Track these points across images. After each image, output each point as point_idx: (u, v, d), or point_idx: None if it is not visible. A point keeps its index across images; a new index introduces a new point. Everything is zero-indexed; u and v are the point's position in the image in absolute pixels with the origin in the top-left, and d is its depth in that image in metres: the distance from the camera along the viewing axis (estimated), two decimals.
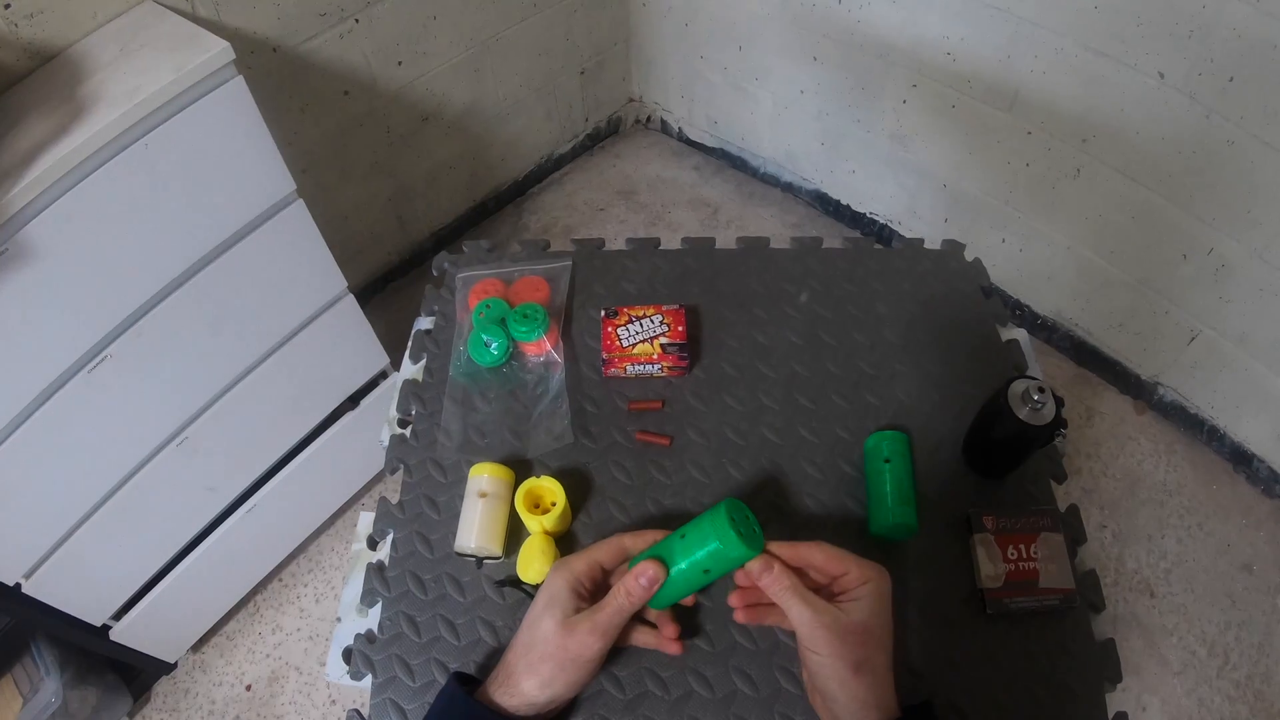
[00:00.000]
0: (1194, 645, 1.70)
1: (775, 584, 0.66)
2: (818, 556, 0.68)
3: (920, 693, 0.74)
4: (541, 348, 0.95)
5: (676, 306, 0.96)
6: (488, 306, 0.97)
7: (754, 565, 0.66)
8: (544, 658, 0.66)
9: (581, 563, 0.70)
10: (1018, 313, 2.19)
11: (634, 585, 0.67)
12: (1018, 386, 0.79)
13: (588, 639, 0.66)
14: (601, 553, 0.71)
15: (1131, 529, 1.86)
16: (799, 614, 0.64)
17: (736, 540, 0.64)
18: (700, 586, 0.69)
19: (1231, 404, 1.88)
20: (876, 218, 2.36)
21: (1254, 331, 1.73)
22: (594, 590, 0.71)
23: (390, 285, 2.33)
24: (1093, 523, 1.86)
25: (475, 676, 0.75)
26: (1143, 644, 1.70)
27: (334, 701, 1.70)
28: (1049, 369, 2.14)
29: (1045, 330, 2.15)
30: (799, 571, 0.68)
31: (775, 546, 0.70)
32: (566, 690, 0.68)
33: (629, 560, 0.72)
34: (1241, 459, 1.91)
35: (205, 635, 1.79)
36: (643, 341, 0.93)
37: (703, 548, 0.66)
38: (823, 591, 0.68)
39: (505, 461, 0.87)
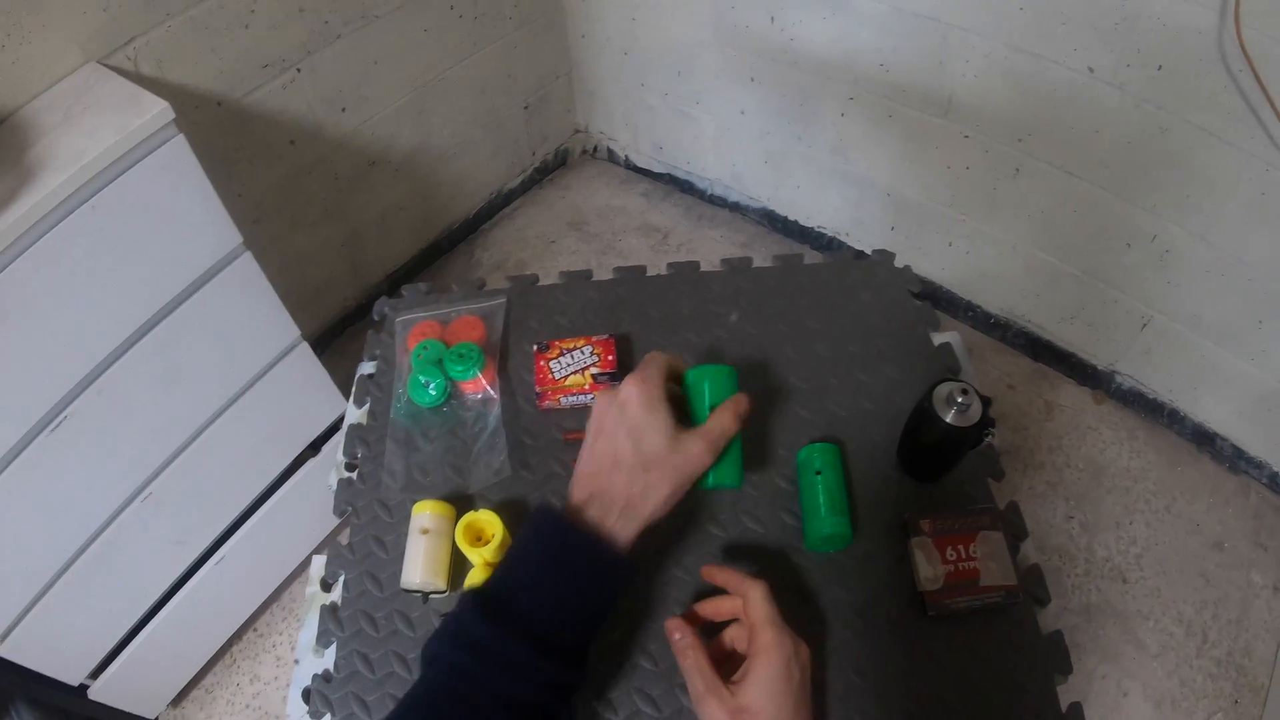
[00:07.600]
0: (1171, 627, 1.71)
1: (677, 651, 0.65)
2: (752, 608, 0.65)
3: (866, 699, 0.74)
4: (478, 385, 0.96)
5: (606, 336, 0.97)
6: (425, 348, 0.98)
7: (670, 623, 0.66)
8: (663, 478, 0.64)
9: (660, 382, 0.68)
10: (970, 314, 2.21)
11: (746, 410, 0.69)
12: (941, 390, 0.80)
13: (705, 458, 0.65)
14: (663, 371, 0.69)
15: (1099, 518, 1.87)
16: (692, 688, 0.63)
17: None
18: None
19: (1189, 385, 1.91)
20: (825, 231, 2.38)
21: (1203, 312, 1.76)
22: None
23: (348, 330, 2.32)
24: (1059, 514, 1.88)
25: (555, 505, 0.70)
26: (1119, 630, 1.70)
27: None
28: (1005, 367, 2.16)
29: (999, 329, 2.18)
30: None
31: (718, 575, 0.70)
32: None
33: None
34: (1204, 439, 1.94)
35: (184, 689, 1.77)
36: (574, 373, 0.94)
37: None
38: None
39: (449, 498, 0.88)
